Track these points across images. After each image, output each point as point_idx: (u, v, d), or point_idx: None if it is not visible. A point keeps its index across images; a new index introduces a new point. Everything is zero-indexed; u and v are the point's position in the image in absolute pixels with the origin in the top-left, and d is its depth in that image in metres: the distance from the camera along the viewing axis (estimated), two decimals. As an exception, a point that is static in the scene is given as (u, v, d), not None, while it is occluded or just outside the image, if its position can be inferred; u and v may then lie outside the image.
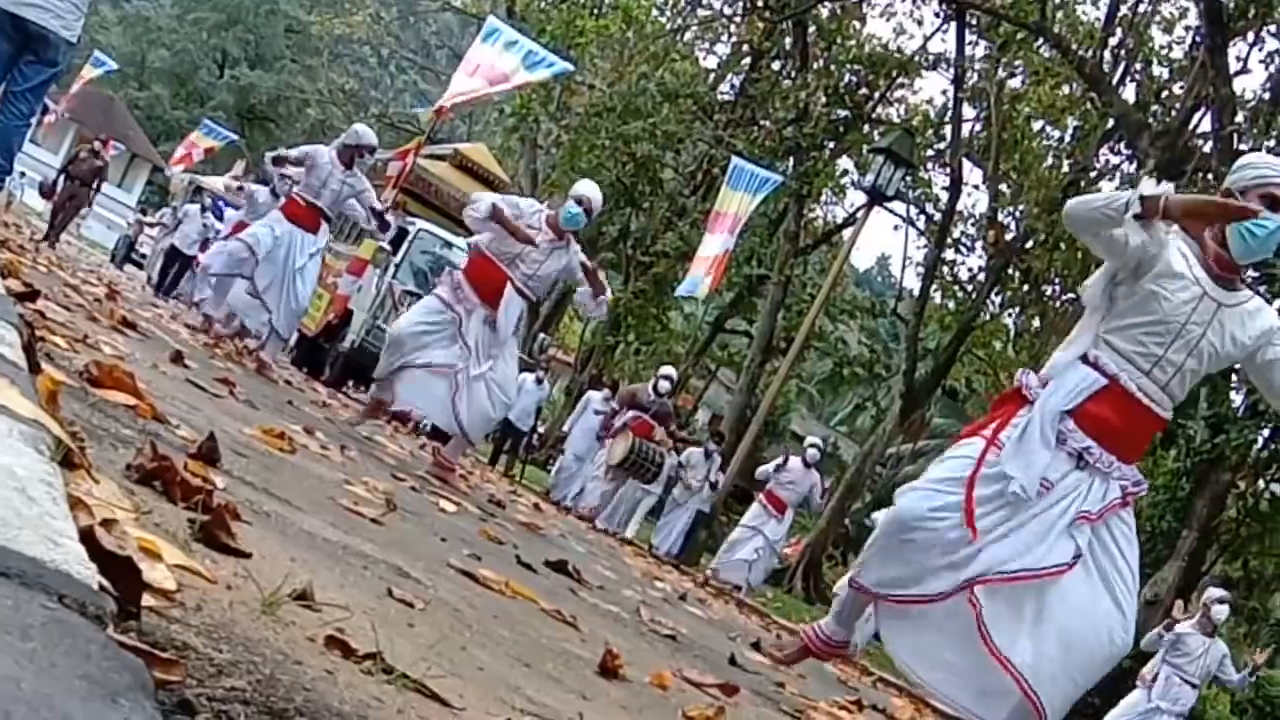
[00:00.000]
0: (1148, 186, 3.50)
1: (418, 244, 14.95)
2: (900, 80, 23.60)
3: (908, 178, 18.98)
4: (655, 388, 13.59)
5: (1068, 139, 21.85)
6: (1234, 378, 13.43)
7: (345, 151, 8.80)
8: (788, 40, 22.54)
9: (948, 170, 21.92)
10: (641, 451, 12.99)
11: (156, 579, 1.42)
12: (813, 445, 13.57)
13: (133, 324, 5.72)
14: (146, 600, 1.32)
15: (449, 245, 14.85)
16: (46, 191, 17.87)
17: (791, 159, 21.63)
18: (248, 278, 8.86)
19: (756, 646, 5.41)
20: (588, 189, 6.79)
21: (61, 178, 17.31)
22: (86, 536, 1.28)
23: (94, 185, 17.48)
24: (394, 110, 41.15)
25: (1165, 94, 19.33)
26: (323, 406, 7.94)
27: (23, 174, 32.56)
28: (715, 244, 15.81)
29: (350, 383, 15.41)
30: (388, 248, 14.02)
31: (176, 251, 18.38)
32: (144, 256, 27.63)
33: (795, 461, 13.31)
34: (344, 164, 8.73)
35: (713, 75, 25.91)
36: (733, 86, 25.25)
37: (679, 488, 14.34)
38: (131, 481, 2.01)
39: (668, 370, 14.10)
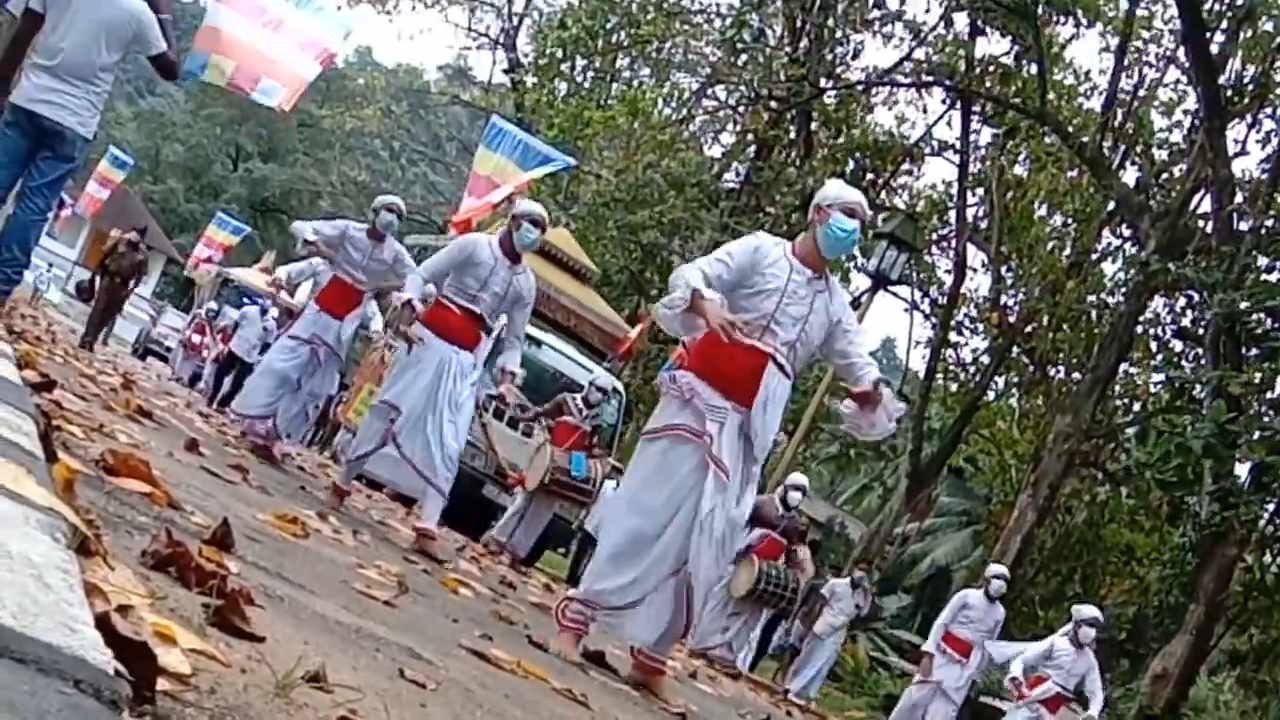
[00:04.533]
0: None
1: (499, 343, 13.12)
2: (905, 167, 23.88)
3: (911, 262, 19.13)
4: (784, 500, 11.11)
5: (1070, 222, 22.07)
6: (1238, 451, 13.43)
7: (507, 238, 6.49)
8: (792, 129, 22.86)
9: (952, 254, 22.11)
10: (771, 578, 10.70)
11: (171, 663, 1.43)
12: (998, 576, 10.89)
13: (148, 412, 5.76)
14: (161, 684, 1.33)
15: (538, 343, 12.97)
16: (85, 294, 16.20)
17: (797, 245, 21.80)
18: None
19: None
20: None
21: (98, 276, 15.68)
22: (102, 622, 1.30)
23: (134, 282, 16.06)
24: (405, 202, 41.55)
25: (1165, 176, 19.53)
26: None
27: (50, 265, 32.73)
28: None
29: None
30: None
31: (234, 357, 16.49)
32: (168, 350, 27.45)
33: (976, 595, 10.94)
34: (510, 258, 6.45)
35: (718, 164, 26.24)
36: (738, 174, 25.55)
37: (822, 624, 12.67)
38: (147, 568, 2.03)
39: (799, 479, 11.56)
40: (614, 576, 4.24)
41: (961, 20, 20.56)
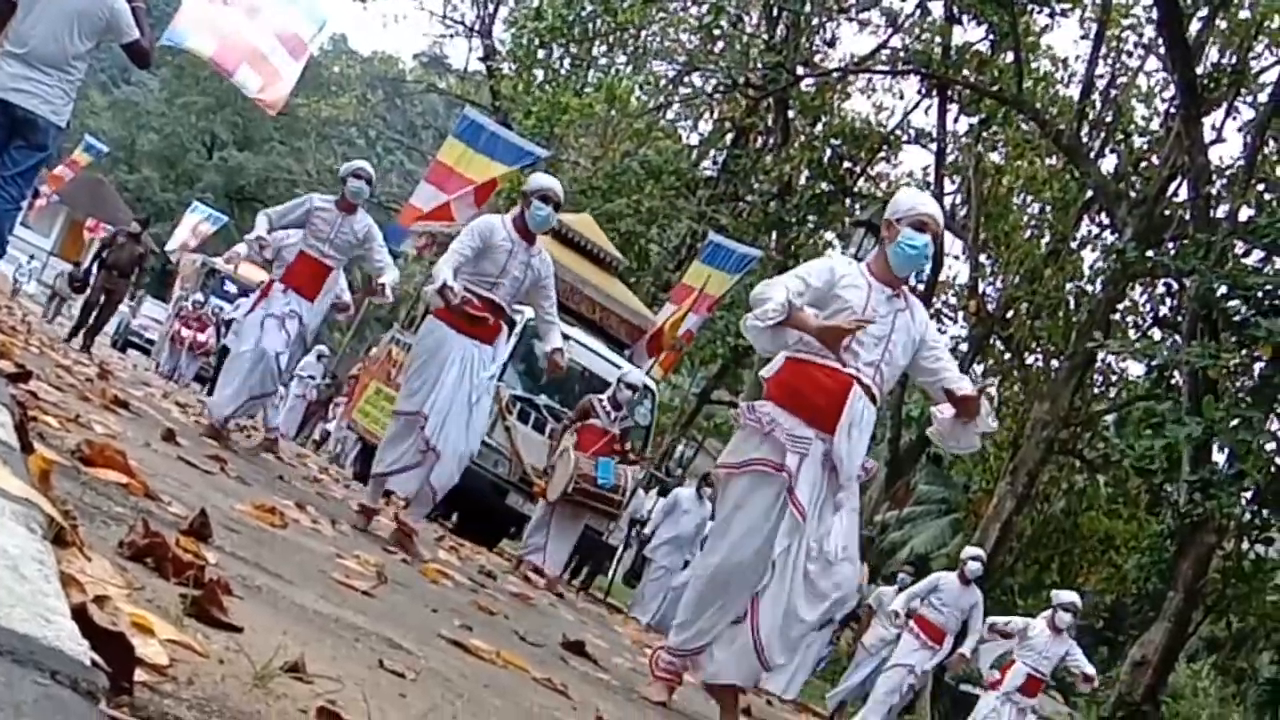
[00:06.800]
0: None
1: (527, 337, 11.61)
2: (881, 155, 23.93)
3: (890, 249, 19.11)
4: (963, 573, 10.40)
5: (1047, 210, 22.17)
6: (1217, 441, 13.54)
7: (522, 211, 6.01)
8: (769, 116, 22.88)
9: (930, 241, 22.15)
10: None
11: (149, 654, 1.43)
12: (974, 558, 10.48)
13: (124, 403, 5.74)
14: (139, 675, 1.33)
15: (565, 338, 12.35)
16: (78, 285, 15.03)
17: (774, 233, 21.85)
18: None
19: (747, 713, 5.37)
20: None
21: (95, 267, 14.48)
22: (79, 613, 1.29)
23: (134, 275, 14.94)
24: (381, 191, 41.44)
25: (1143, 164, 19.63)
26: (314, 482, 7.92)
27: (31, 258, 32.25)
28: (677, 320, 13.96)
29: (453, 516, 12.44)
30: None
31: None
32: (149, 341, 26.96)
33: (949, 578, 10.54)
34: (526, 238, 6.01)
35: (695, 152, 26.23)
36: (715, 162, 25.55)
37: (871, 635, 12.13)
38: (124, 558, 2.02)
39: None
40: (697, 622, 4.13)
41: (938, 8, 20.60)
